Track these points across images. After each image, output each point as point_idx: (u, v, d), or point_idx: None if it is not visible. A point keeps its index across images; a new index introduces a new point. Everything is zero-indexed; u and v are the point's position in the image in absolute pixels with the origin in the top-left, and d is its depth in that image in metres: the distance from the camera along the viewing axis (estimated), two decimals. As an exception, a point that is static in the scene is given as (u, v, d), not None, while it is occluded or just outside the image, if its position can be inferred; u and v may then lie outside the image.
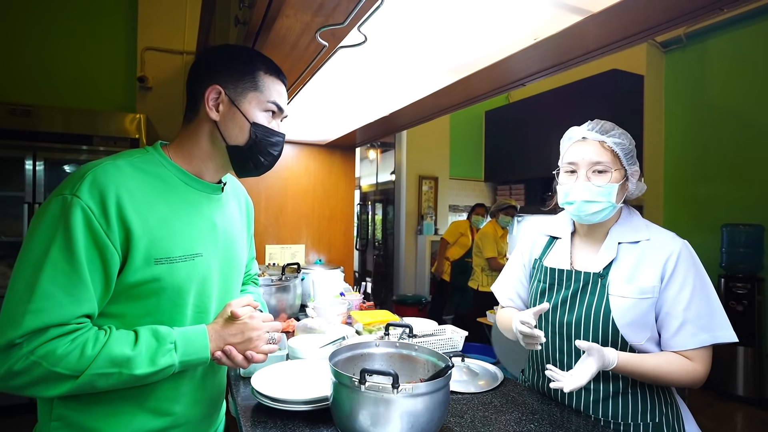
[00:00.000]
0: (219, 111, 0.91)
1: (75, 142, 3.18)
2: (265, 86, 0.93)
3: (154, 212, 0.85)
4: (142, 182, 0.85)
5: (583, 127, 1.16)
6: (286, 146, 2.71)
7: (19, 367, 0.73)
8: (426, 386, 0.92)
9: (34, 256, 0.75)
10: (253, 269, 1.35)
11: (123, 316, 0.85)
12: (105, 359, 0.77)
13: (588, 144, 1.12)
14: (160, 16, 4.04)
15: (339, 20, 0.91)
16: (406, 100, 1.68)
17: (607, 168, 1.10)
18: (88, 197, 0.77)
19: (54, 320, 0.75)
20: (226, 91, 0.91)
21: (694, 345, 1.04)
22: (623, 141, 1.11)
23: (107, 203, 0.78)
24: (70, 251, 0.75)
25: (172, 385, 0.92)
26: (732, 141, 3.88)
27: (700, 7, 0.91)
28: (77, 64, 3.81)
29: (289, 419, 1.10)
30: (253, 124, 0.92)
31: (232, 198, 1.10)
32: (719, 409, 3.42)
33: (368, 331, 1.72)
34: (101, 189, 0.79)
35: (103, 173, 0.80)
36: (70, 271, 0.76)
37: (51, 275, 0.74)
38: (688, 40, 4.13)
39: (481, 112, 5.61)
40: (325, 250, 2.88)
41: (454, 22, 1.00)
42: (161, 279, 0.85)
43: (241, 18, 1.12)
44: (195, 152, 0.94)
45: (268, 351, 0.95)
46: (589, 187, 1.10)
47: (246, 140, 0.93)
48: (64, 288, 0.75)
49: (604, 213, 1.12)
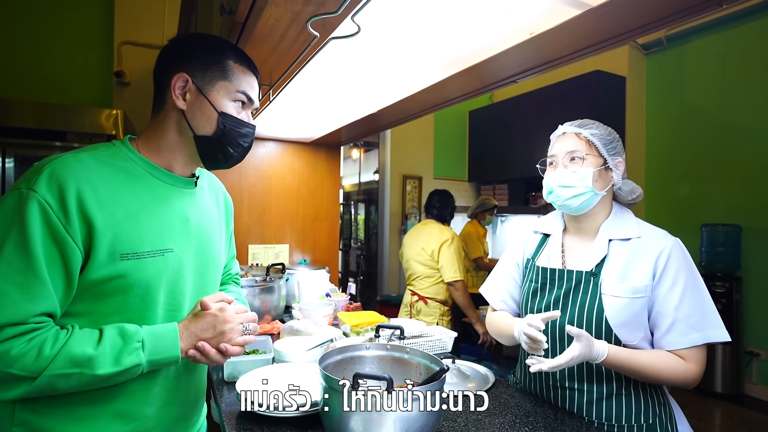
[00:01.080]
0: (186, 100, 0.88)
1: (48, 138, 3.05)
2: (234, 75, 0.90)
3: (119, 206, 0.81)
4: (106, 176, 0.82)
5: (564, 124, 1.21)
6: (269, 144, 2.70)
7: None
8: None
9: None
10: (233, 268, 1.30)
11: (89, 315, 0.81)
12: (64, 359, 0.74)
13: (566, 137, 1.17)
14: (138, 9, 3.92)
15: (331, 9, 0.87)
16: (396, 97, 1.65)
17: (580, 155, 1.13)
18: (45, 191, 0.74)
19: (8, 319, 0.71)
20: (194, 79, 0.87)
21: (686, 344, 1.04)
22: (600, 131, 1.15)
23: (66, 197, 0.75)
24: (25, 247, 0.72)
25: (143, 386, 0.88)
26: (711, 142, 3.97)
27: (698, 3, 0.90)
28: (51, 57, 3.66)
29: (277, 426, 1.05)
30: (221, 113, 0.89)
31: (208, 193, 1.06)
32: (698, 406, 3.49)
33: (356, 333, 1.68)
34: (60, 182, 0.75)
35: (63, 166, 0.77)
36: (25, 268, 0.72)
37: (4, 273, 0.71)
38: (669, 43, 4.21)
39: (465, 112, 5.62)
40: (310, 250, 2.82)
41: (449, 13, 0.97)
42: (128, 275, 0.81)
43: (227, 6, 1.06)
44: (163, 144, 0.91)
45: (242, 342, 0.91)
46: (564, 173, 1.14)
47: (214, 130, 0.89)
48: (18, 285, 0.72)
49: (584, 198, 1.12)
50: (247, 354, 1.41)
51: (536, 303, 1.21)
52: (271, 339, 1.54)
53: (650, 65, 4.43)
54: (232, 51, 0.92)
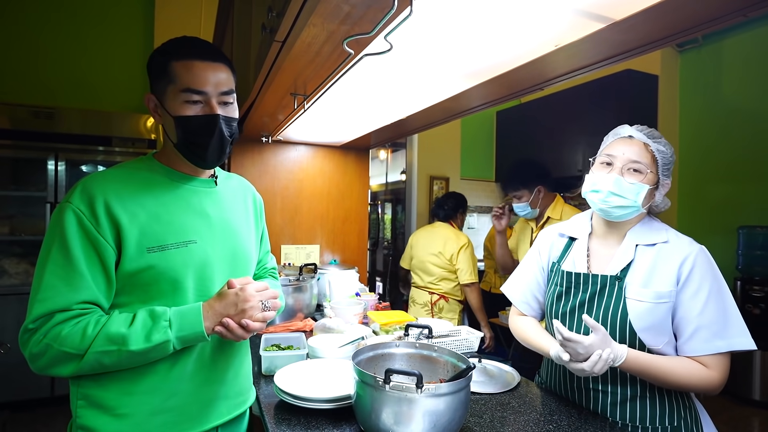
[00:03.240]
0: (160, 114, 0.99)
1: (94, 143, 3.25)
2: (177, 75, 0.93)
3: (142, 207, 0.94)
4: (129, 184, 0.96)
5: (631, 127, 1.18)
6: (301, 148, 2.79)
7: (36, 349, 0.86)
8: (449, 386, 0.94)
9: (42, 257, 0.89)
10: (269, 263, 1.40)
11: (131, 304, 0.94)
12: (103, 338, 0.86)
13: (632, 143, 1.14)
14: (176, 19, 4.10)
15: (366, 30, 0.93)
16: (424, 104, 1.70)
17: (643, 169, 1.11)
18: (78, 201, 0.90)
19: (57, 306, 0.86)
20: (156, 95, 0.98)
21: (708, 351, 1.04)
22: (666, 150, 1.14)
23: (95, 204, 0.90)
24: (65, 248, 0.87)
25: (178, 365, 0.98)
26: (748, 141, 3.84)
27: (722, 15, 0.92)
28: (98, 68, 3.89)
29: (313, 416, 1.12)
30: (176, 118, 0.95)
31: (237, 193, 1.18)
32: (735, 413, 3.39)
33: (385, 332, 1.74)
34: (89, 194, 0.91)
35: (91, 181, 0.93)
36: (66, 264, 0.87)
37: (52, 269, 0.87)
38: (704, 40, 4.09)
39: (493, 113, 5.60)
40: (340, 250, 2.91)
41: (476, 29, 1.02)
42: (156, 266, 0.94)
43: (268, 26, 1.14)
44: (170, 154, 1.03)
45: (262, 318, 0.98)
46: (620, 181, 1.11)
47: (177, 136, 0.97)
48: (63, 278, 0.87)
49: (628, 211, 1.13)
50: (283, 350, 1.49)
51: (561, 306, 1.23)
52: (304, 336, 1.62)
53: (684, 63, 4.31)
54: (173, 49, 0.95)
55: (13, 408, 2.87)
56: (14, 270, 3.13)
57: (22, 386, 3.03)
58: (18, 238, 3.17)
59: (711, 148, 4.13)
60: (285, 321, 1.93)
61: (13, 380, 2.98)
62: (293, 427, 1.08)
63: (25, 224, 3.21)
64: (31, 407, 3.05)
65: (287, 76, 1.39)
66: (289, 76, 1.39)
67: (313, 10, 0.91)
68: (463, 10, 0.93)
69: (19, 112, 3.09)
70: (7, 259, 3.15)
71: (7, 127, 3.05)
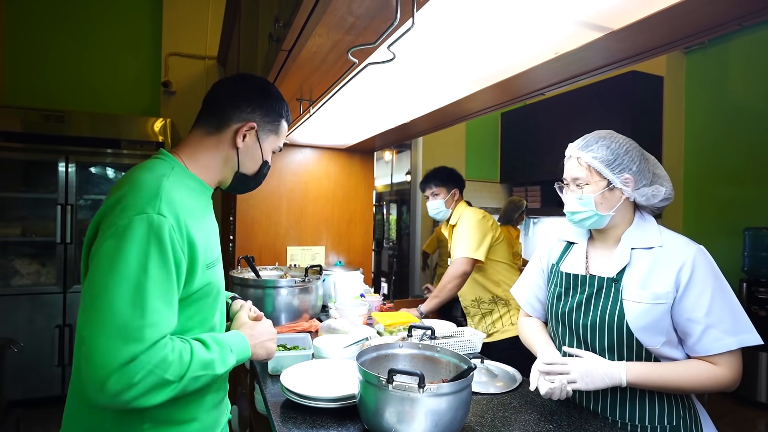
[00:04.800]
0: (244, 142, 1.02)
1: (104, 145, 3.30)
2: (281, 133, 1.09)
3: (199, 222, 0.94)
4: (187, 197, 0.93)
5: (572, 143, 1.23)
6: (306, 150, 2.84)
7: (138, 378, 0.77)
8: (450, 386, 0.96)
9: (132, 274, 0.78)
10: None
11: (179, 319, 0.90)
12: (198, 363, 0.86)
13: (569, 161, 1.22)
14: (184, 22, 4.16)
15: (370, 40, 0.96)
16: (427, 109, 1.73)
17: (581, 182, 1.19)
18: (169, 215, 0.84)
19: (166, 332, 0.82)
20: (258, 130, 1.03)
21: (720, 350, 1.05)
22: (601, 153, 1.15)
23: (179, 220, 0.86)
24: (166, 267, 0.82)
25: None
26: (754, 143, 3.83)
27: (718, 24, 0.94)
28: (106, 70, 3.95)
29: (318, 415, 1.15)
30: (264, 161, 1.08)
31: None
32: (739, 416, 3.38)
33: (389, 332, 1.77)
34: (174, 207, 0.86)
35: (170, 191, 0.88)
36: (168, 286, 0.83)
37: (155, 291, 0.80)
38: (710, 41, 4.09)
39: (498, 114, 5.61)
40: (345, 252, 2.94)
41: (476, 39, 1.05)
42: (211, 282, 0.96)
43: (275, 35, 1.18)
44: (211, 165, 1.02)
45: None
46: (570, 199, 1.21)
47: (254, 172, 1.08)
48: (166, 302, 0.82)
49: (593, 220, 1.19)
50: (289, 350, 1.52)
51: (560, 306, 1.26)
52: (310, 336, 1.65)
53: (690, 64, 4.31)
54: (286, 111, 1.09)
55: (25, 405, 2.92)
56: (26, 270, 3.19)
57: (35, 384, 3.09)
58: (29, 239, 3.23)
59: (716, 149, 4.12)
60: (291, 322, 1.96)
61: (26, 378, 3.04)
62: (299, 425, 1.11)
63: (36, 225, 3.26)
64: (44, 405, 3.11)
65: (293, 83, 1.42)
66: (295, 83, 1.42)
67: (319, 21, 0.94)
68: (465, 22, 0.95)
69: (31, 115, 3.15)
70: (19, 260, 3.21)
71: (19, 131, 3.11)
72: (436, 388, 0.95)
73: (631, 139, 1.19)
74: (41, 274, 3.23)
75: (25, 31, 3.72)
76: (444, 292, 2.12)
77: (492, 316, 2.24)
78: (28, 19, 3.73)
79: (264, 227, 2.72)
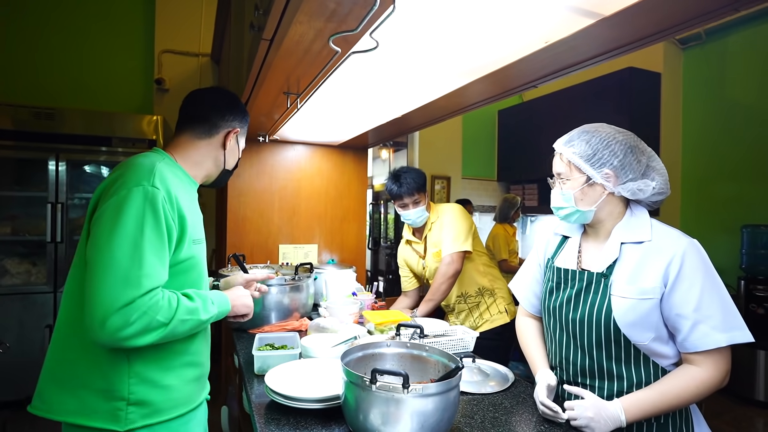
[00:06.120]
0: (230, 144, 1.26)
1: (95, 143, 3.26)
2: (246, 131, 1.34)
3: (188, 203, 1.11)
4: (177, 180, 1.11)
5: (559, 139, 1.22)
6: (298, 147, 2.80)
7: (134, 318, 0.93)
8: (437, 386, 0.93)
9: (130, 234, 0.96)
10: None
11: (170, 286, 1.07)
12: (183, 309, 1.02)
13: (555, 156, 1.22)
14: (177, 19, 4.12)
15: (351, 26, 0.93)
16: (418, 102, 1.69)
17: (563, 177, 1.18)
18: (162, 188, 1.01)
19: (157, 283, 0.98)
20: (238, 134, 1.28)
21: (709, 346, 1.03)
22: (580, 148, 1.13)
23: (171, 193, 1.03)
24: (159, 228, 0.99)
25: (202, 343, 1.20)
26: (752, 140, 3.80)
27: (714, 9, 0.90)
28: (98, 68, 3.90)
29: (302, 417, 1.12)
30: (239, 158, 1.34)
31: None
32: (737, 414, 3.35)
33: (380, 331, 1.73)
34: (166, 183, 1.03)
35: (163, 171, 1.06)
36: (160, 245, 1.00)
37: (150, 248, 0.97)
38: (708, 37, 4.05)
39: (494, 112, 5.59)
40: (338, 249, 2.90)
41: (464, 27, 1.01)
42: (195, 256, 1.13)
43: (256, 24, 1.14)
44: (203, 163, 1.24)
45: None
46: (555, 194, 1.21)
47: (233, 167, 1.32)
48: (159, 258, 0.99)
49: (575, 216, 1.19)
50: (276, 349, 1.49)
51: (552, 301, 1.24)
52: (298, 335, 1.62)
53: (688, 61, 4.27)
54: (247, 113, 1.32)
55: (13, 407, 2.88)
56: (16, 270, 3.14)
57: (23, 385, 3.04)
58: (20, 238, 3.18)
59: (714, 146, 4.09)
60: (281, 321, 1.93)
61: (14, 379, 2.99)
62: (282, 427, 1.07)
63: (27, 224, 3.22)
64: (33, 406, 3.06)
65: (278, 75, 1.38)
66: (280, 75, 1.38)
67: (298, 7, 0.91)
68: (448, 8, 0.92)
69: (21, 112, 3.10)
70: (9, 259, 3.17)
71: (9, 128, 3.06)
72: (422, 388, 0.92)
73: (626, 131, 1.15)
74: (32, 274, 3.18)
75: (17, 29, 3.67)
76: (438, 294, 2.08)
77: (479, 309, 2.21)
78: (20, 17, 3.69)
79: (256, 225, 2.68)
